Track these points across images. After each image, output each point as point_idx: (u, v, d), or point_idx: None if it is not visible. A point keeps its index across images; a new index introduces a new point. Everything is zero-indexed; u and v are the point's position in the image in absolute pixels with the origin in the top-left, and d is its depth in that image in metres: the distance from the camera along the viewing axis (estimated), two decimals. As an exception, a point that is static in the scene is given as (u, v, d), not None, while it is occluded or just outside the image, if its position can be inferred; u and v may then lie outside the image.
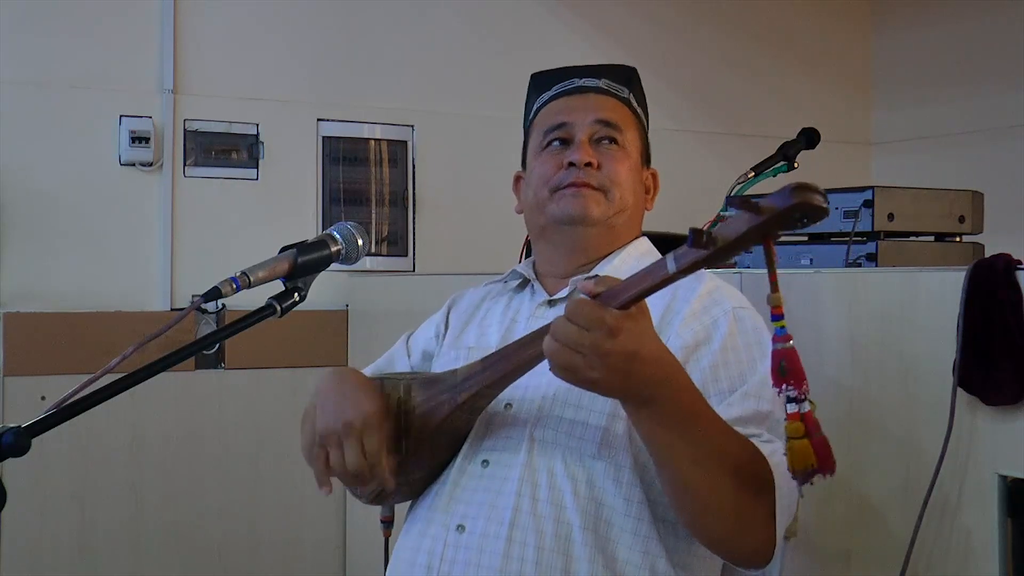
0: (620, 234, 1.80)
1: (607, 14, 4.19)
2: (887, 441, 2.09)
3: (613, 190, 1.76)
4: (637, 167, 1.83)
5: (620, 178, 1.77)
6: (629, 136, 1.81)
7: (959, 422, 1.93)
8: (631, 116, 1.84)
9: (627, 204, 1.79)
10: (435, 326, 1.91)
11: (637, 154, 1.83)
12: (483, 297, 1.89)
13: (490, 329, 1.80)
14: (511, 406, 1.66)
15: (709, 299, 1.67)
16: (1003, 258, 1.93)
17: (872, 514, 2.12)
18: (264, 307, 1.50)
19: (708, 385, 1.58)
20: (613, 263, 1.77)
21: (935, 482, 1.95)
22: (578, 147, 1.76)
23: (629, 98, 1.86)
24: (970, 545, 1.94)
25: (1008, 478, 1.89)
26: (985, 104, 4.23)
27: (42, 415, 1.25)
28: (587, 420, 1.60)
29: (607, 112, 1.80)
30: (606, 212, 1.76)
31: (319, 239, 1.57)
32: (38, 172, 3.40)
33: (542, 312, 1.76)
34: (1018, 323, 1.87)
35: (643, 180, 1.86)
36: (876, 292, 2.14)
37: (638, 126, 1.85)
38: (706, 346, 1.61)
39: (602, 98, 1.82)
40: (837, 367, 2.18)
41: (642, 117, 1.88)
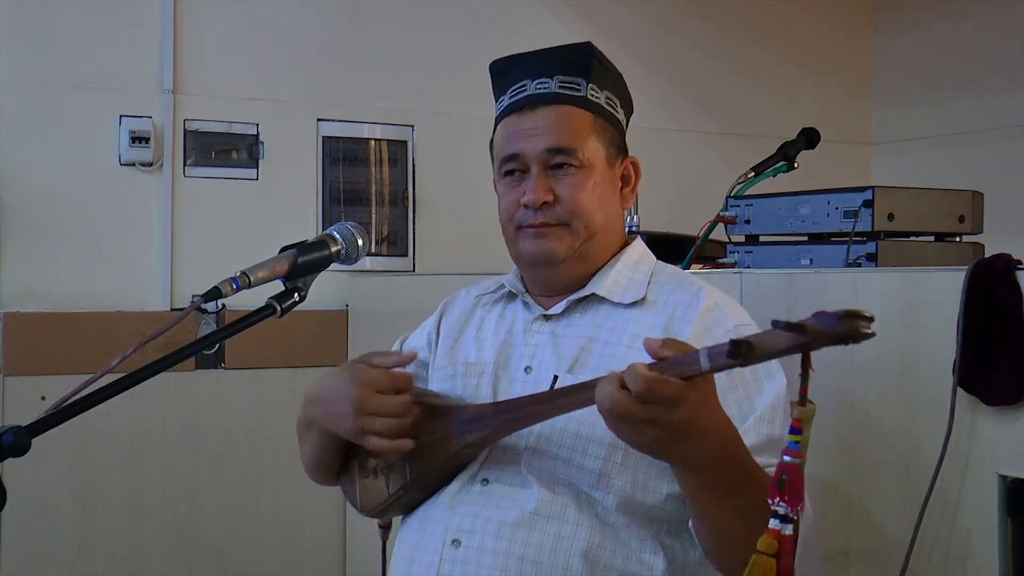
0: (600, 249, 1.75)
1: (607, 14, 4.19)
2: (887, 441, 2.09)
3: (575, 222, 1.69)
4: (603, 177, 1.73)
5: (581, 207, 1.69)
6: (589, 146, 1.71)
7: (959, 422, 1.93)
8: (588, 119, 1.72)
9: (595, 227, 1.71)
10: (427, 334, 1.89)
11: (602, 159, 1.73)
12: (475, 305, 1.87)
13: (486, 343, 1.79)
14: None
15: (710, 318, 1.66)
16: (1003, 258, 1.93)
17: (872, 514, 2.12)
18: (264, 307, 1.50)
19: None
20: (609, 276, 1.74)
21: (935, 482, 1.95)
22: (532, 185, 1.69)
23: (587, 94, 1.72)
24: (970, 545, 1.94)
25: (1008, 478, 1.89)
26: (985, 104, 4.23)
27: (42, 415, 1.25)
28: (587, 449, 1.59)
29: (557, 135, 1.69)
30: (571, 246, 1.70)
31: (319, 239, 1.57)
32: (38, 172, 3.40)
33: (538, 327, 1.74)
34: (1018, 323, 1.87)
35: (616, 177, 1.76)
36: (876, 292, 2.14)
37: (600, 126, 1.73)
38: None
39: (554, 112, 1.70)
40: (836, 367, 2.18)
41: (606, 107, 1.75)
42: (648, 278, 1.74)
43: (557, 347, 1.70)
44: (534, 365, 1.70)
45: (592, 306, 1.72)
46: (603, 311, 1.71)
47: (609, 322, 1.69)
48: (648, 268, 1.77)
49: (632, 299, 1.70)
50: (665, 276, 1.76)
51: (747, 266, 2.58)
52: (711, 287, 1.73)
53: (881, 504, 2.10)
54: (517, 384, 1.70)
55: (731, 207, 2.66)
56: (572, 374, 1.64)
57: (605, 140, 1.73)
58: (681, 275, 1.79)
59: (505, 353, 1.74)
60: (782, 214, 2.54)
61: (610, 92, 1.75)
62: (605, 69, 1.76)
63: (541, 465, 1.61)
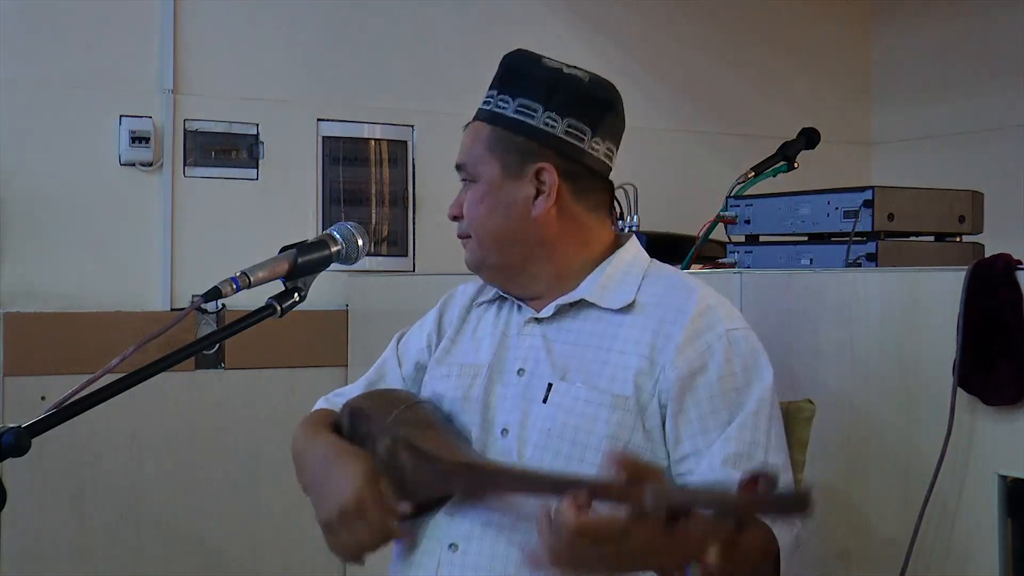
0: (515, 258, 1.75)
1: (607, 14, 4.19)
2: (887, 441, 2.09)
3: (472, 233, 1.77)
4: (496, 188, 1.73)
5: (471, 219, 1.76)
6: (479, 159, 1.75)
7: (959, 422, 1.93)
8: (485, 132, 1.75)
9: (486, 237, 1.74)
10: (427, 335, 1.90)
11: (495, 170, 1.73)
12: (471, 304, 1.88)
13: (483, 343, 1.80)
14: (507, 432, 1.67)
15: (702, 322, 1.65)
16: (1003, 258, 1.93)
17: (872, 514, 2.12)
18: (264, 307, 1.50)
19: (708, 418, 1.58)
20: (599, 280, 1.74)
21: (935, 482, 1.95)
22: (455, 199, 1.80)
23: (493, 107, 1.76)
24: (970, 545, 1.94)
25: (1008, 478, 1.89)
26: (985, 104, 4.23)
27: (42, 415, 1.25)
28: (583, 456, 1.60)
29: (461, 153, 1.79)
30: (476, 256, 1.77)
31: (319, 239, 1.57)
32: (38, 172, 3.40)
33: (530, 329, 1.75)
34: (1018, 323, 1.87)
35: (520, 186, 1.72)
36: (876, 292, 2.14)
37: (496, 137, 1.73)
38: (702, 375, 1.61)
39: (469, 130, 1.80)
40: (836, 367, 2.18)
41: (514, 117, 1.73)
42: (640, 280, 1.73)
43: (550, 351, 1.71)
44: (527, 368, 1.71)
45: (583, 311, 1.72)
46: (594, 316, 1.71)
47: (600, 328, 1.69)
48: (640, 270, 1.76)
49: (621, 304, 1.70)
50: (658, 278, 1.75)
51: (747, 266, 2.58)
52: (706, 289, 1.72)
53: (881, 504, 2.10)
54: (511, 387, 1.71)
55: (731, 207, 2.66)
56: (565, 382, 1.66)
57: (500, 151, 1.73)
58: (675, 276, 1.78)
59: (500, 355, 1.75)
60: (782, 214, 2.54)
61: (526, 98, 1.73)
62: (520, 76, 1.75)
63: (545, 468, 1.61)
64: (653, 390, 1.61)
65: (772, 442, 1.59)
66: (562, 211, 1.73)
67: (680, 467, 1.60)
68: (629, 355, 1.64)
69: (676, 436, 1.60)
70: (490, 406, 1.71)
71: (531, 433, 1.64)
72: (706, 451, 1.57)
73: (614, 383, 1.63)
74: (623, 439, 1.60)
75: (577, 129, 1.73)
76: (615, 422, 1.60)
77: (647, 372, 1.62)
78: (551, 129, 1.72)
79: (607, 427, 1.60)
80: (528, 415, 1.66)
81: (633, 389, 1.61)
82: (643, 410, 1.61)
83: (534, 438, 1.63)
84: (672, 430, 1.60)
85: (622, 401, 1.61)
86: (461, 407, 1.74)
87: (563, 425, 1.61)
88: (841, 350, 2.17)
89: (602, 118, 1.77)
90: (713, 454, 1.56)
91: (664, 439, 1.61)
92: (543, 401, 1.66)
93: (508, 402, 1.70)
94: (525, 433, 1.65)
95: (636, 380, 1.62)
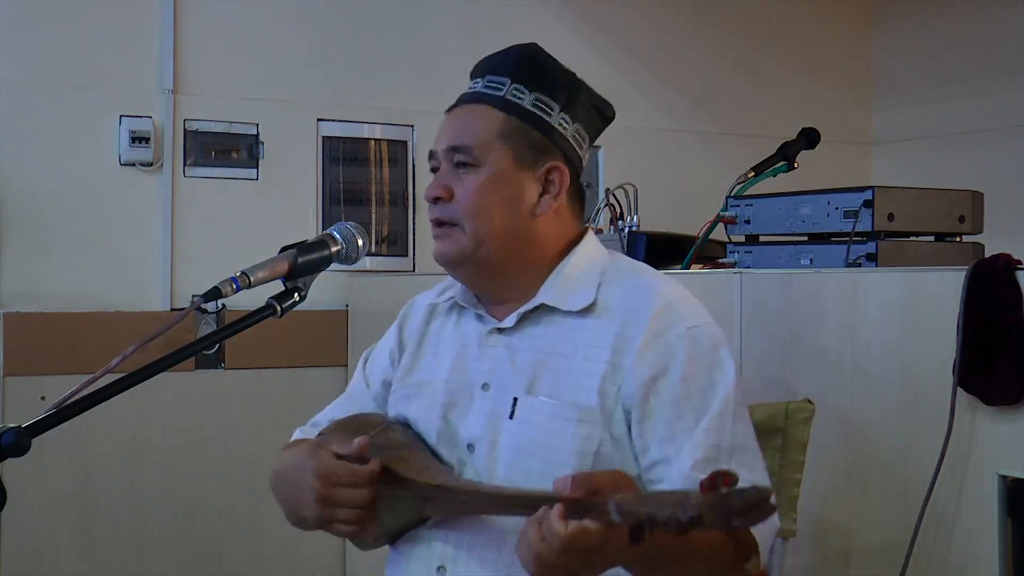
0: (504, 258, 1.67)
1: (608, 14, 4.19)
2: (887, 441, 2.09)
3: (465, 222, 1.64)
4: (506, 179, 1.65)
5: (471, 206, 1.64)
6: (488, 145, 1.65)
7: (959, 422, 1.93)
8: (498, 119, 1.66)
9: (488, 231, 1.64)
10: (389, 352, 1.85)
11: (507, 160, 1.66)
12: (430, 314, 1.82)
13: (445, 359, 1.74)
14: (474, 448, 1.64)
15: (661, 322, 1.59)
16: (1003, 258, 1.93)
17: (872, 514, 2.12)
18: (264, 307, 1.50)
19: (674, 423, 1.55)
20: (557, 282, 1.67)
21: (935, 482, 1.95)
22: (432, 182, 1.69)
23: (506, 94, 1.67)
24: (970, 545, 1.94)
25: (1008, 478, 1.89)
26: (985, 104, 4.23)
27: (42, 415, 1.25)
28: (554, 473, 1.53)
29: (459, 134, 1.68)
30: (464, 248, 1.65)
31: (319, 239, 1.57)
32: (38, 172, 3.40)
33: (493, 340, 1.69)
34: (1018, 323, 1.87)
35: (530, 182, 1.67)
36: (876, 292, 2.14)
37: (512, 127, 1.66)
38: (664, 379, 1.56)
39: (466, 111, 1.70)
40: (837, 367, 2.18)
41: (530, 109, 1.67)
42: (599, 279, 1.68)
43: (514, 363, 1.66)
44: (491, 382, 1.67)
45: (544, 316, 1.67)
46: (556, 321, 1.66)
47: (563, 334, 1.64)
48: (598, 267, 1.69)
49: (581, 306, 1.64)
50: (617, 275, 1.69)
51: (747, 266, 2.58)
52: (666, 283, 1.67)
53: (881, 505, 2.10)
54: (477, 402, 1.66)
55: (731, 207, 2.67)
56: (532, 395, 1.62)
57: (515, 141, 1.66)
58: (634, 272, 1.71)
59: (459, 369, 1.70)
60: (782, 214, 2.54)
61: (543, 94, 1.68)
62: (539, 68, 1.69)
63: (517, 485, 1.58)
64: (617, 396, 1.58)
65: (739, 441, 1.55)
66: (559, 214, 1.70)
67: (650, 474, 1.56)
68: (593, 362, 1.60)
69: (644, 443, 1.56)
70: (457, 424, 1.66)
71: (501, 451, 1.61)
72: (675, 458, 1.53)
73: (579, 393, 1.59)
74: (591, 451, 1.56)
75: (581, 136, 1.72)
76: (582, 436, 1.57)
77: (610, 378, 1.58)
78: (563, 131, 1.69)
79: (574, 442, 1.56)
80: (497, 432, 1.62)
81: (598, 398, 1.57)
82: (609, 418, 1.57)
83: (505, 456, 1.61)
84: (639, 437, 1.57)
85: (588, 413, 1.57)
86: (428, 427, 1.69)
87: (531, 442, 1.58)
88: (841, 350, 2.17)
89: (599, 133, 1.77)
90: (682, 461, 1.52)
91: (632, 447, 1.58)
92: (510, 417, 1.62)
93: (474, 417, 1.65)
94: (496, 451, 1.62)
95: (600, 388, 1.58)
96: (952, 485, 1.96)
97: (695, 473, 1.49)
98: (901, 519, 2.01)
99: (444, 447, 1.67)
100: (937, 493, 1.96)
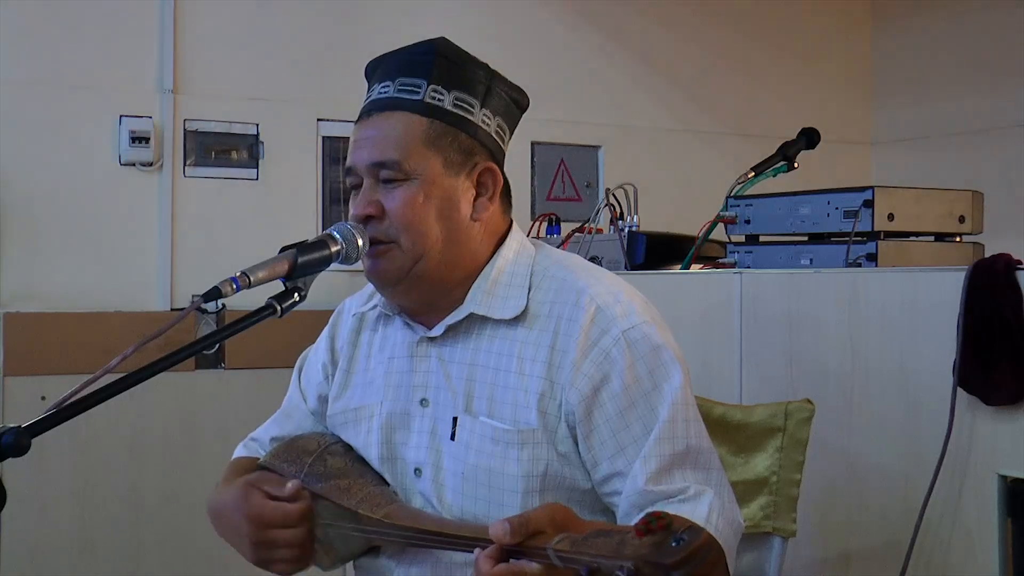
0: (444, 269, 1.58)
1: (608, 14, 4.19)
2: (887, 441, 2.09)
3: (403, 238, 1.54)
4: (439, 187, 1.56)
5: (406, 221, 1.54)
6: (417, 155, 1.54)
7: (959, 422, 1.93)
8: (421, 126, 1.55)
9: (428, 245, 1.55)
10: (322, 366, 1.79)
11: (438, 168, 1.56)
12: (359, 323, 1.76)
13: (377, 375, 1.68)
14: (421, 472, 1.60)
15: (595, 329, 1.52)
16: (1003, 258, 1.93)
17: (872, 514, 2.12)
18: (264, 307, 1.49)
19: (621, 435, 1.49)
20: (484, 287, 1.59)
21: (935, 482, 1.95)
22: (359, 199, 1.56)
23: (424, 96, 1.56)
24: (970, 545, 1.94)
25: (1008, 478, 1.89)
26: (985, 104, 4.23)
27: (42, 415, 1.25)
28: (502, 499, 1.53)
29: (381, 148, 1.55)
30: (403, 265, 1.55)
31: (319, 239, 1.56)
32: (38, 172, 3.40)
33: (424, 350, 1.62)
34: (1018, 323, 1.87)
35: (464, 186, 1.58)
36: (876, 292, 2.14)
37: (437, 131, 1.56)
38: (606, 389, 1.50)
39: (384, 120, 1.56)
40: (837, 367, 2.18)
41: (451, 110, 1.57)
42: (527, 281, 1.60)
43: (448, 376, 1.60)
44: (429, 397, 1.61)
45: (475, 325, 1.59)
46: (487, 330, 1.58)
47: (495, 344, 1.57)
48: (526, 268, 1.61)
49: (513, 313, 1.57)
50: (546, 278, 1.60)
51: (747, 266, 2.58)
52: (595, 284, 1.58)
53: (881, 504, 2.10)
54: (416, 420, 1.61)
55: (731, 207, 2.66)
56: (470, 415, 1.56)
57: (442, 146, 1.56)
58: (563, 273, 1.61)
59: (394, 385, 1.64)
60: (782, 214, 2.54)
61: (462, 92, 1.58)
62: (453, 65, 1.58)
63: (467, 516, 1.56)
64: (558, 413, 1.52)
65: (692, 444, 1.50)
66: (492, 215, 1.61)
67: (605, 488, 1.52)
68: (528, 377, 1.54)
69: (593, 458, 1.51)
70: (401, 448, 1.62)
71: (447, 476, 1.57)
72: (627, 471, 1.48)
73: (518, 412, 1.53)
74: (538, 473, 1.51)
75: (503, 130, 1.63)
76: (527, 459, 1.51)
77: (549, 395, 1.52)
78: (486, 127, 1.59)
79: (519, 465, 1.51)
80: (440, 454, 1.58)
81: (538, 417, 1.52)
82: (552, 435, 1.52)
83: (450, 481, 1.56)
84: (587, 452, 1.51)
85: (530, 435, 1.52)
86: (370, 453, 1.65)
87: (475, 468, 1.53)
88: (841, 350, 2.17)
89: (517, 123, 1.68)
90: (636, 475, 1.47)
91: (581, 461, 1.53)
92: (451, 438, 1.57)
93: (416, 438, 1.61)
94: (441, 476, 1.57)
95: (540, 406, 1.52)
96: (952, 485, 1.96)
97: (651, 487, 1.45)
98: (901, 519, 2.01)
99: (388, 471, 1.63)
100: (937, 493, 1.96)
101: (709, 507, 1.43)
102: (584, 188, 4.17)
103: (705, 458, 1.52)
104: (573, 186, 4.16)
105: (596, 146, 4.19)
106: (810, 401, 1.91)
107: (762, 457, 1.87)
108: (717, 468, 1.53)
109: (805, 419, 1.87)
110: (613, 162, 4.14)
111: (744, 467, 1.88)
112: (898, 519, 2.02)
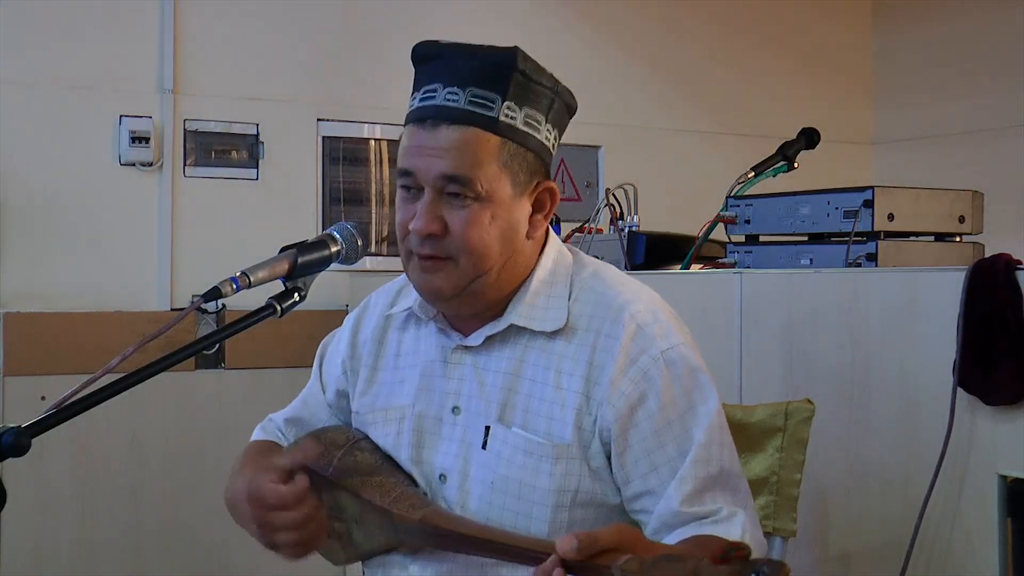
0: (496, 287, 1.56)
1: (607, 14, 4.20)
2: (887, 441, 2.09)
3: (462, 258, 1.51)
4: (505, 209, 1.52)
5: (471, 244, 1.50)
6: (490, 175, 1.50)
7: (959, 422, 1.93)
8: (495, 145, 1.50)
9: (487, 266, 1.52)
10: (341, 362, 1.76)
11: (506, 189, 1.52)
12: (386, 323, 1.72)
13: (407, 377, 1.65)
14: (446, 478, 1.58)
15: (634, 347, 1.51)
16: (1003, 258, 1.93)
17: (872, 514, 2.12)
18: (264, 307, 1.50)
19: (655, 454, 1.49)
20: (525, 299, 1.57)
21: (935, 482, 1.95)
22: (422, 211, 1.50)
23: (499, 115, 1.51)
24: (970, 545, 1.94)
25: (1008, 478, 1.89)
26: (985, 104, 4.23)
27: (42, 415, 1.25)
28: (531, 512, 1.53)
29: (454, 162, 1.49)
30: (458, 283, 1.52)
31: (319, 239, 1.56)
32: (38, 172, 3.40)
33: (459, 358, 1.60)
34: (1018, 323, 1.87)
35: (524, 206, 1.55)
36: (876, 292, 2.14)
37: (509, 153, 1.51)
38: (642, 408, 1.49)
39: (456, 134, 1.49)
40: (837, 367, 2.18)
41: (522, 129, 1.53)
42: (567, 293, 1.58)
43: (482, 384, 1.58)
44: (461, 405, 1.59)
45: (512, 336, 1.57)
46: (524, 341, 1.57)
47: (533, 355, 1.56)
48: (565, 279, 1.60)
49: (554, 326, 1.55)
50: (583, 290, 1.59)
51: (747, 266, 2.58)
52: (635, 301, 1.56)
53: (881, 504, 2.10)
54: (446, 426, 1.60)
55: (731, 207, 2.66)
56: (503, 425, 1.55)
57: (514, 168, 1.52)
58: (602, 287, 1.59)
59: (426, 389, 1.62)
60: (782, 214, 2.54)
61: (532, 108, 1.54)
62: (528, 81, 1.54)
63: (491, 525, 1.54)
64: (593, 428, 1.51)
65: (725, 467, 1.50)
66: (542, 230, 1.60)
67: (634, 505, 1.51)
68: (566, 391, 1.53)
69: (625, 476, 1.51)
70: (429, 453, 1.60)
71: (474, 484, 1.56)
72: (660, 491, 1.48)
73: (553, 425, 1.52)
74: (570, 488, 1.51)
75: (558, 140, 1.61)
76: (559, 473, 1.51)
77: (585, 410, 1.51)
78: (549, 144, 1.57)
79: (551, 480, 1.51)
80: (469, 462, 1.56)
81: (573, 432, 1.51)
82: (586, 451, 1.51)
83: (477, 490, 1.55)
84: (619, 469, 1.51)
85: (564, 450, 1.51)
86: (399, 454, 1.63)
87: (505, 479, 1.52)
88: (841, 350, 2.17)
89: (565, 128, 1.65)
90: (670, 496, 1.47)
91: (612, 477, 1.52)
92: (482, 447, 1.56)
93: (446, 445, 1.59)
94: (467, 483, 1.56)
95: (576, 421, 1.51)
96: (952, 485, 1.96)
97: (686, 508, 1.46)
98: (901, 519, 2.01)
99: (416, 474, 1.62)
100: (937, 493, 1.96)
101: (742, 529, 1.45)
102: (584, 188, 4.18)
103: (735, 481, 1.52)
104: (573, 186, 4.16)
105: (596, 146, 4.19)
106: (810, 401, 1.91)
107: (762, 457, 1.88)
108: (745, 491, 1.54)
109: (805, 419, 1.87)
110: (613, 162, 4.14)
111: (744, 467, 1.87)
112: (898, 519, 2.02)
